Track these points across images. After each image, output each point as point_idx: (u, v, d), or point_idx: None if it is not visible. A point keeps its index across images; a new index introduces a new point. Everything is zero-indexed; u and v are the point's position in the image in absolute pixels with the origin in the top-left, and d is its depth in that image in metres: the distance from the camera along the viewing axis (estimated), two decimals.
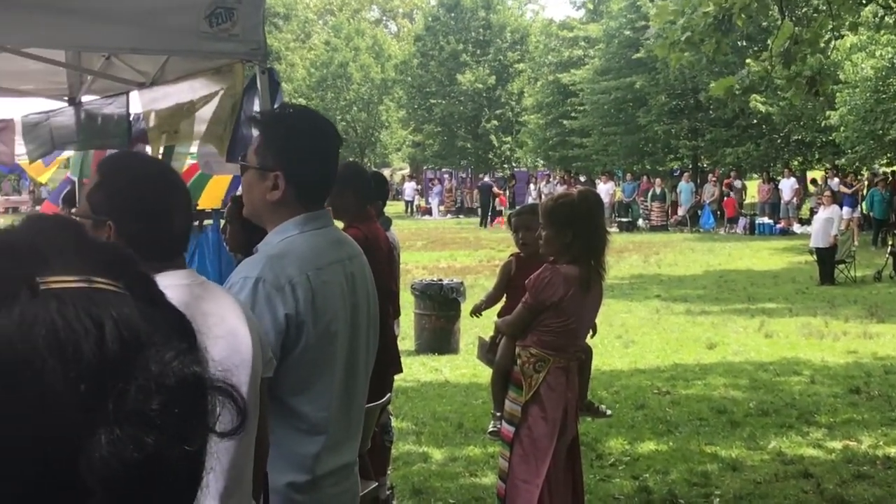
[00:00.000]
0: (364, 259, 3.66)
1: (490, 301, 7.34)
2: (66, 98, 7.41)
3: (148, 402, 0.90)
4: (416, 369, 12.56)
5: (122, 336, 0.93)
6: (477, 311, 7.40)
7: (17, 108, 8.13)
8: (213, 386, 0.97)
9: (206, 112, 5.54)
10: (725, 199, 39.01)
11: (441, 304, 13.74)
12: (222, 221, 6.88)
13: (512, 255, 7.18)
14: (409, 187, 54.42)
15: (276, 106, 4.71)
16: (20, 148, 7.66)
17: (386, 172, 50.99)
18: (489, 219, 43.91)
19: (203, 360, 0.97)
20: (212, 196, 10.64)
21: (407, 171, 67.92)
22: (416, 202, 54.02)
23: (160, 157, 6.90)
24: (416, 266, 23.99)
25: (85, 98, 7.30)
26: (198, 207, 8.20)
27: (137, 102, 6.52)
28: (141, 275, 1.05)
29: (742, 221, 38.25)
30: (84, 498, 0.89)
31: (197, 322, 1.05)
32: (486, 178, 50.20)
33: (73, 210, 3.21)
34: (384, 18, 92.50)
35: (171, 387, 0.92)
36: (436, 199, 52.70)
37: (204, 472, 0.99)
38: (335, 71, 65.00)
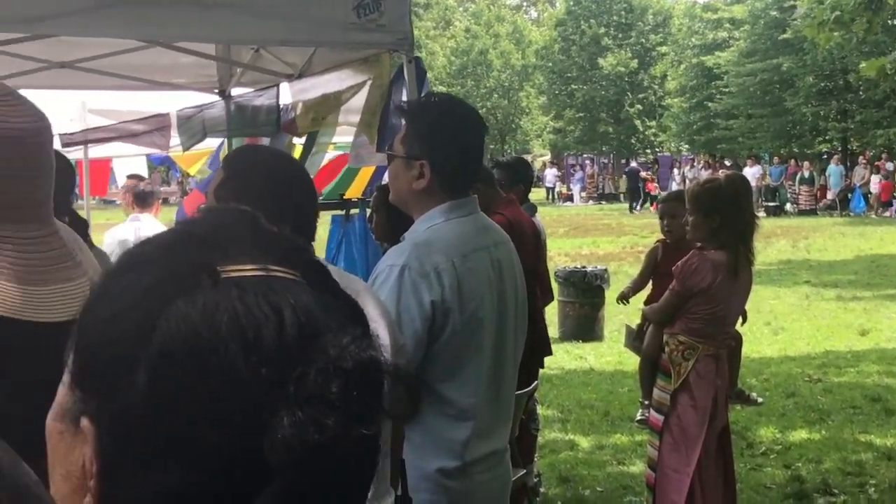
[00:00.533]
0: (511, 246, 3.66)
1: (635, 288, 7.30)
2: (216, 91, 7.59)
3: (327, 385, 0.92)
4: (561, 357, 12.51)
5: (300, 322, 0.96)
6: (623, 299, 7.37)
7: (171, 103, 8.37)
8: (388, 370, 0.99)
9: (355, 102, 5.61)
10: (880, 182, 37.87)
11: (585, 291, 13.66)
12: (368, 211, 6.95)
13: (658, 241, 7.13)
14: (551, 174, 54.18)
15: (421, 95, 4.75)
16: (174, 140, 7.87)
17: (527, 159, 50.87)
18: (639, 204, 43.47)
19: (377, 346, 0.99)
20: (359, 186, 10.78)
21: (548, 157, 67.66)
22: (557, 189, 53.79)
23: (300, 146, 7.02)
24: (558, 253, 23.87)
25: (234, 91, 7.47)
26: (344, 197, 8.30)
27: (287, 93, 6.63)
28: (315, 263, 1.08)
29: (895, 204, 37.16)
30: (268, 478, 0.91)
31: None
32: (634, 164, 49.63)
33: (201, 206, 3.27)
34: (524, 4, 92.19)
35: (349, 370, 0.94)
36: (577, 185, 52.40)
37: (380, 455, 1.01)
38: (475, 58, 65.10)
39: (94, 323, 1.02)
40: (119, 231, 8.52)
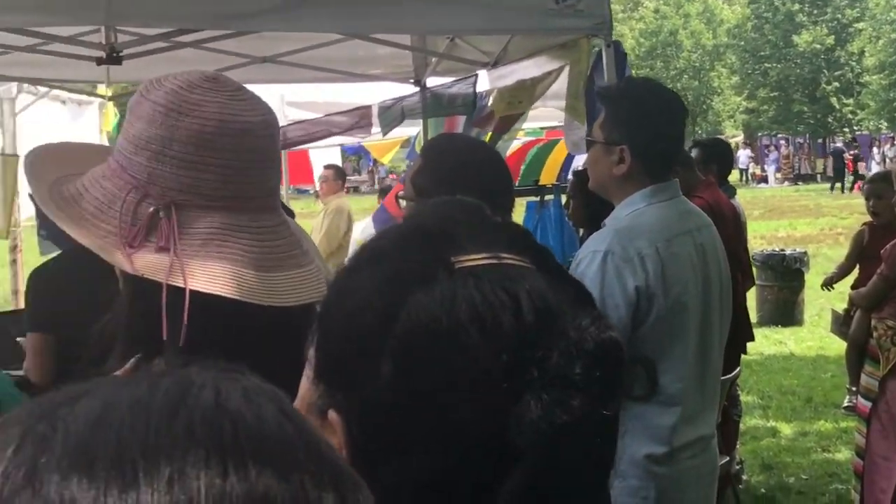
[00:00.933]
0: (714, 229, 3.62)
1: (842, 272, 7.13)
2: (412, 80, 7.69)
3: (571, 367, 0.94)
4: (759, 342, 12.18)
5: (536, 306, 0.97)
6: (829, 284, 7.20)
7: (366, 93, 8.55)
8: (626, 350, 1.00)
9: (551, 88, 5.60)
10: None
11: (783, 274, 13.29)
12: (563, 196, 6.95)
13: (864, 223, 6.94)
14: (744, 155, 53.00)
15: (621, 79, 4.72)
16: (374, 128, 8.03)
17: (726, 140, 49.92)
18: (843, 184, 42.18)
19: (614, 327, 1.00)
20: (551, 171, 10.78)
21: (740, 138, 66.26)
22: (750, 170, 52.67)
23: (490, 131, 7.05)
24: (753, 236, 23.23)
25: (430, 80, 7.55)
26: (539, 183, 8.33)
27: (485, 81, 6.67)
28: (542, 249, 1.10)
29: None
30: (515, 460, 0.93)
31: None
32: (839, 144, 48.17)
33: (399, 193, 3.33)
34: None
35: (591, 351, 0.95)
36: (772, 166, 51.21)
37: (619, 436, 1.02)
38: (665, 39, 64.19)
39: (336, 318, 1.06)
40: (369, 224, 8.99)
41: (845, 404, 6.01)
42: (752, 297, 13.05)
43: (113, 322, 1.69)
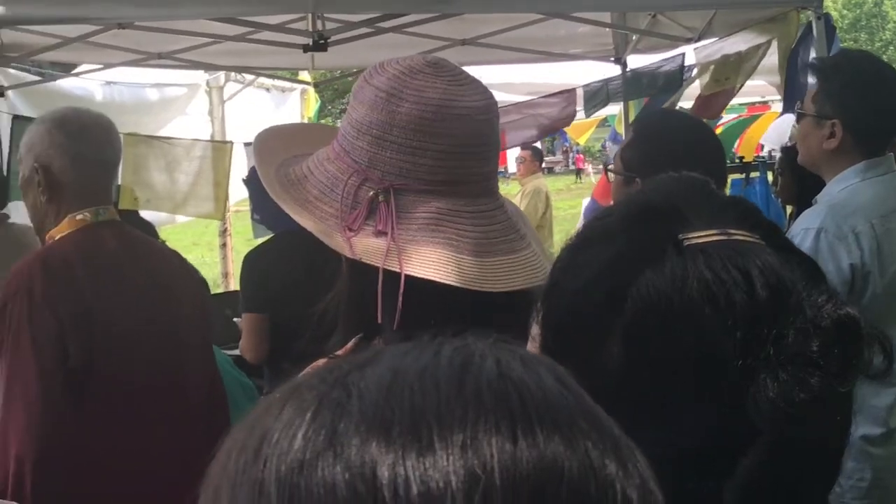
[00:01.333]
0: None
1: None
2: (612, 59, 7.61)
3: (808, 344, 0.92)
4: None
5: (769, 283, 0.96)
6: None
7: (563, 73, 8.51)
8: (864, 327, 0.98)
9: (761, 62, 5.46)
10: None
11: None
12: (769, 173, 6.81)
13: None
14: None
15: (834, 52, 4.59)
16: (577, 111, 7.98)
17: None
18: None
19: (850, 303, 0.98)
20: (749, 147, 10.54)
21: None
22: None
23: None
24: None
25: (630, 58, 7.47)
26: (743, 160, 8.17)
27: (691, 58, 6.57)
28: (771, 224, 1.08)
29: None
30: (752, 437, 0.93)
31: None
32: None
33: (609, 166, 3.31)
34: None
35: (828, 328, 0.93)
36: None
37: (852, 414, 1.01)
38: (869, 10, 61.92)
39: (563, 295, 1.06)
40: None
41: None
42: None
43: (334, 302, 1.72)
